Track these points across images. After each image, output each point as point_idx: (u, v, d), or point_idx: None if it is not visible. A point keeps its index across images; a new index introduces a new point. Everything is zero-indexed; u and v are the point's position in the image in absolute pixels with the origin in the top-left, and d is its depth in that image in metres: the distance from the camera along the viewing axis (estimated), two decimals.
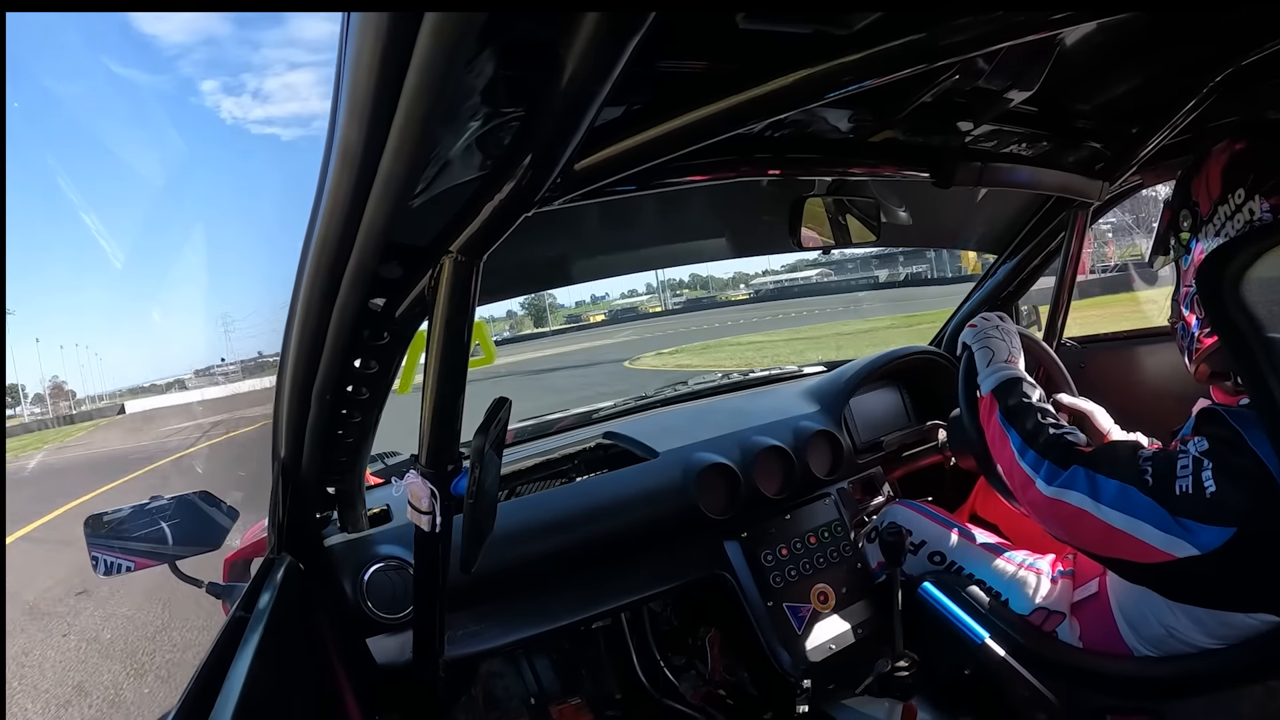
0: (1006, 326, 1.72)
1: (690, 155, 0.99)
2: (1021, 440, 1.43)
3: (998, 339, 1.67)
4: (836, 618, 2.00)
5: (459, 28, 0.57)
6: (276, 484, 1.35)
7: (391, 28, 0.57)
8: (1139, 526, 1.19)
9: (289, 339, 1.08)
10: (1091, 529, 1.26)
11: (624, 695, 2.15)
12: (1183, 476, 1.17)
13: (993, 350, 1.64)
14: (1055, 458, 1.35)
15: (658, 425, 2.28)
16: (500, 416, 1.12)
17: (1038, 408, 1.47)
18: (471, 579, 1.53)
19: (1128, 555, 1.23)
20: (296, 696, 1.26)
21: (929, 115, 1.32)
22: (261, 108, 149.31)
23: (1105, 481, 1.25)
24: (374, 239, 0.86)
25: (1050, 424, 1.42)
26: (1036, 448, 1.39)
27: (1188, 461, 1.18)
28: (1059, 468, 1.33)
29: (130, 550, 1.58)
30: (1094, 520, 1.25)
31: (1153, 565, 1.19)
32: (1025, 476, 1.39)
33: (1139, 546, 1.19)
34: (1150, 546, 1.18)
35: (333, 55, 0.65)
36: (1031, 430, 1.43)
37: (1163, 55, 1.35)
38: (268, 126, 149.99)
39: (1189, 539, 1.14)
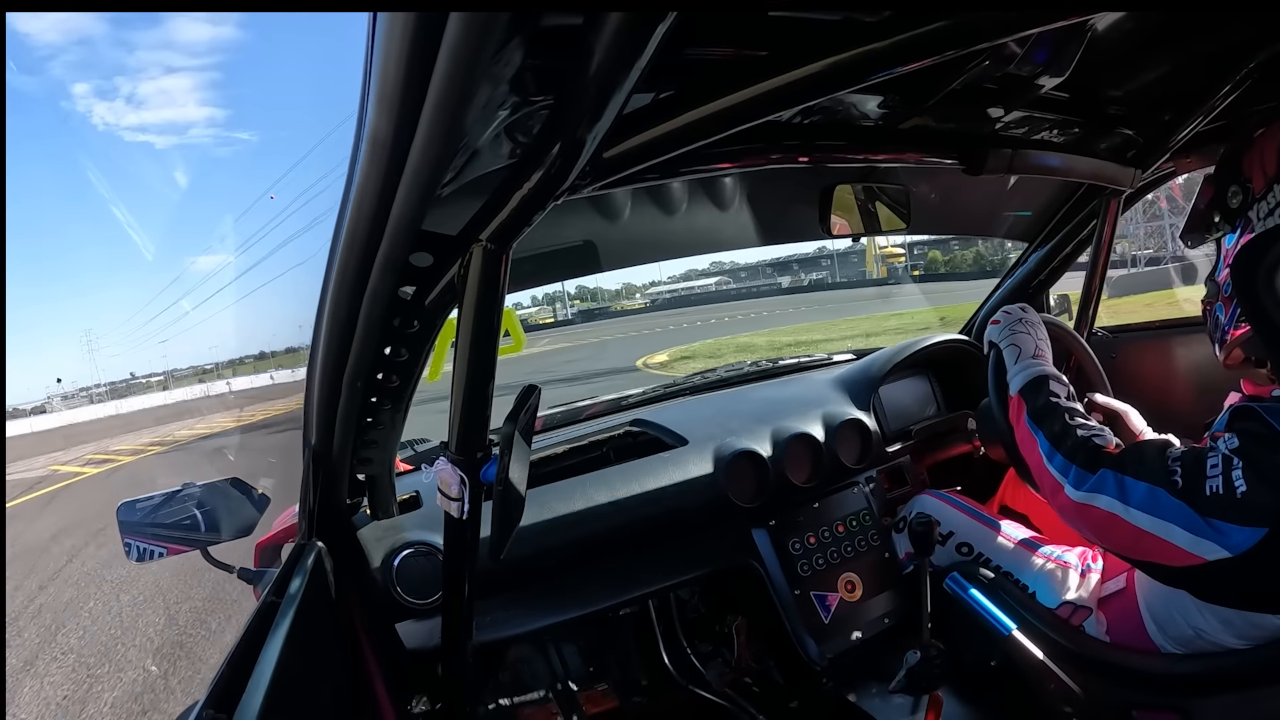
0: (1030, 318, 1.69)
1: (719, 143, 0.98)
2: (1049, 443, 1.40)
3: (1023, 333, 1.64)
4: (864, 607, 2.00)
5: (486, 19, 0.58)
6: (307, 470, 1.36)
7: (419, 19, 0.57)
8: (1168, 529, 1.16)
9: (319, 327, 1.09)
10: (1121, 532, 1.23)
11: (650, 682, 2.16)
12: (1213, 476, 1.14)
13: (1019, 346, 1.62)
14: (1082, 461, 1.32)
15: (687, 413, 2.28)
16: (530, 404, 1.12)
17: (1065, 408, 1.44)
18: (500, 565, 1.55)
19: (1158, 558, 1.20)
20: (326, 681, 1.27)
21: (959, 102, 1.31)
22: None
23: (1133, 484, 1.22)
24: (404, 228, 0.86)
25: (1078, 425, 1.39)
26: (1064, 451, 1.36)
27: (1217, 460, 1.15)
28: (1087, 471, 1.30)
29: (162, 536, 1.61)
30: (1123, 524, 1.22)
31: (1183, 568, 1.17)
32: (1054, 481, 1.36)
33: (1169, 549, 1.17)
34: (1180, 549, 1.15)
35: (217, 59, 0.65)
36: (1059, 432, 1.39)
37: (1197, 40, 1.33)
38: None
39: (1219, 540, 1.12)
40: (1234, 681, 1.31)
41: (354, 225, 0.87)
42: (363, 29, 0.64)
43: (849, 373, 2.42)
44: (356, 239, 0.89)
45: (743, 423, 2.11)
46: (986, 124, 1.49)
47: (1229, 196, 1.32)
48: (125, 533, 1.60)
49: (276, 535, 1.89)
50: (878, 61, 0.88)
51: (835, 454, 2.11)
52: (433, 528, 1.61)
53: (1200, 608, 1.32)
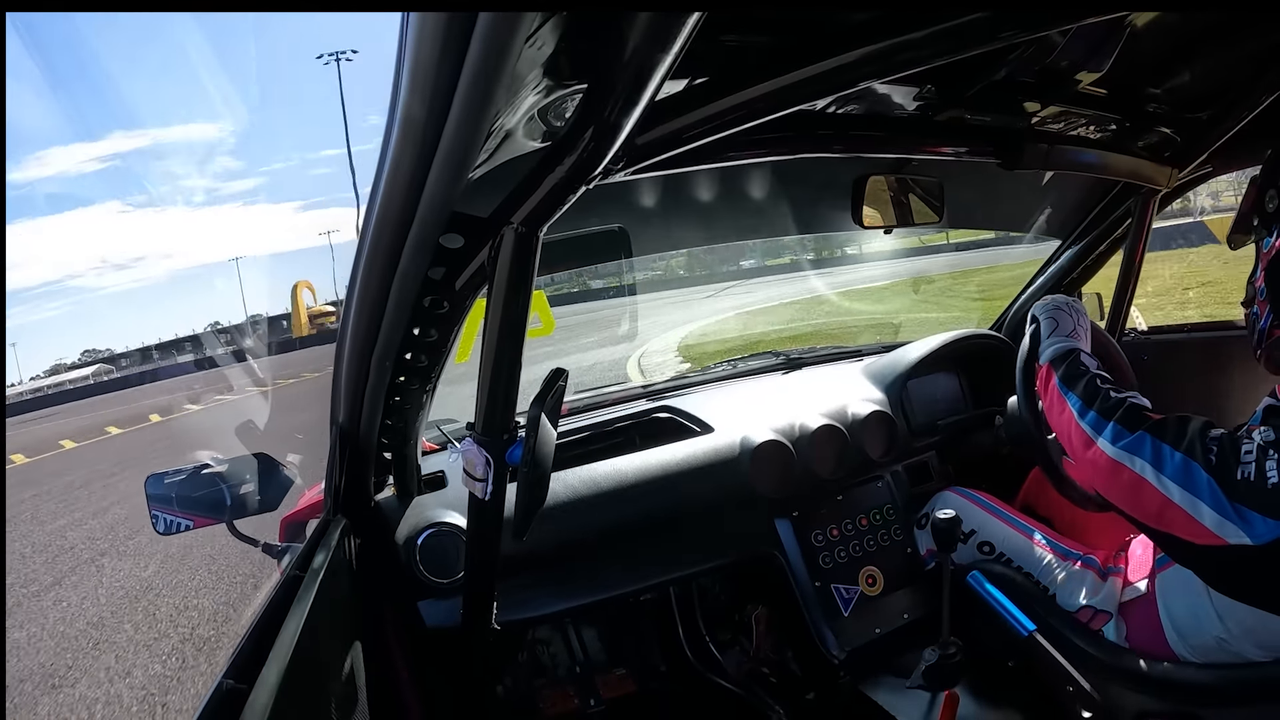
0: (1078, 305, 1.66)
1: (752, 130, 0.98)
2: (1081, 402, 1.38)
3: (1066, 314, 1.61)
4: (884, 601, 1.99)
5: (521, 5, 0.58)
6: (334, 448, 1.38)
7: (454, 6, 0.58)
8: (1196, 505, 1.15)
9: (350, 306, 1.10)
10: (1149, 499, 1.22)
11: (668, 669, 2.17)
12: (1246, 463, 1.12)
13: (1058, 322, 1.59)
14: (1123, 419, 1.29)
15: (713, 401, 2.27)
16: (556, 387, 1.13)
17: (1097, 374, 1.42)
18: (523, 546, 1.56)
19: (1180, 532, 1.19)
20: (346, 656, 1.29)
21: (996, 95, 1.30)
22: None
23: (1170, 452, 1.20)
24: (435, 209, 0.87)
25: (1111, 389, 1.37)
26: (1099, 408, 1.34)
27: (1252, 448, 1.14)
28: (1126, 430, 1.27)
29: (189, 509, 1.63)
30: (1153, 490, 1.21)
31: (1203, 547, 1.16)
32: (1086, 435, 1.34)
33: (1193, 525, 1.15)
34: (1203, 527, 1.14)
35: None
36: (1091, 393, 1.38)
37: (1239, 39, 1.31)
38: None
39: (1244, 528, 1.10)
40: (1254, 692, 1.29)
41: (386, 205, 0.87)
42: (397, 11, 0.64)
43: (877, 365, 2.41)
44: (388, 219, 0.90)
45: (769, 412, 2.11)
46: (1023, 118, 1.47)
47: (1266, 200, 1.30)
48: (153, 505, 1.62)
49: (302, 511, 1.91)
50: (913, 52, 0.88)
51: (861, 447, 2.10)
52: (457, 508, 1.63)
53: (1223, 615, 1.30)
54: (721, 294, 28.77)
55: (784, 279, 30.44)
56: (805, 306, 20.16)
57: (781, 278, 31.84)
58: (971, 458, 2.28)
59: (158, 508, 1.63)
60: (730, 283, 35.82)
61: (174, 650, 4.33)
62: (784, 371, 2.67)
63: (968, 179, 2.18)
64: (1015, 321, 2.67)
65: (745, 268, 42.11)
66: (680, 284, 36.61)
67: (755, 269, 39.81)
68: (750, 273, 40.72)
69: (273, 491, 1.68)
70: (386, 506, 1.62)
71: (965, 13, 0.82)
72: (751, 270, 40.69)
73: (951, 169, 1.95)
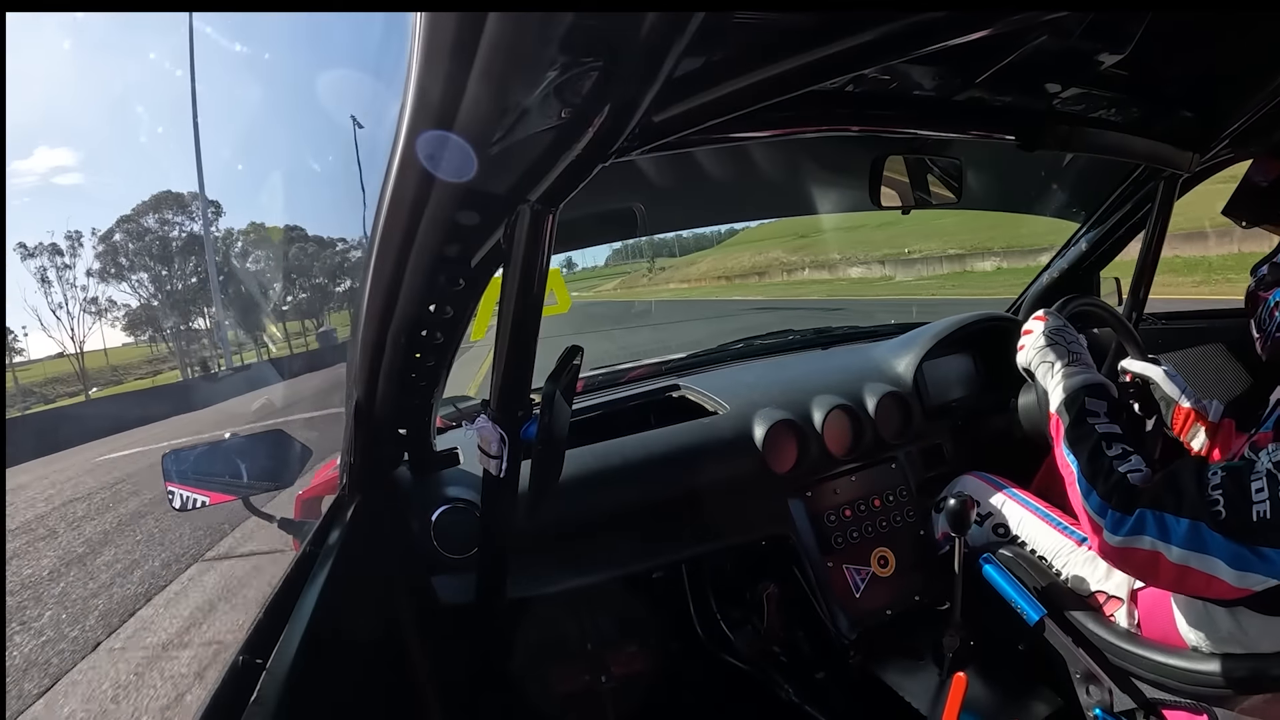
0: (1052, 324, 1.63)
1: (769, 109, 0.97)
2: (1085, 479, 1.32)
3: (1052, 344, 1.58)
4: (895, 582, 2.00)
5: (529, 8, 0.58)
6: (349, 425, 1.39)
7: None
8: (1213, 564, 1.11)
9: (365, 283, 1.10)
10: (1165, 571, 1.17)
11: (679, 646, 2.19)
12: (1259, 501, 1.08)
13: (1050, 361, 1.55)
14: (1118, 503, 1.24)
15: (729, 379, 2.28)
16: (571, 364, 1.13)
17: (1101, 433, 1.36)
18: (537, 523, 1.57)
19: (1205, 593, 1.17)
20: (362, 630, 1.30)
21: (1016, 76, 1.28)
22: None
23: (1174, 521, 1.16)
24: (451, 186, 0.87)
25: (1114, 455, 1.31)
26: (1100, 489, 1.29)
27: (1261, 480, 1.10)
28: (1124, 514, 1.23)
29: (206, 485, 1.65)
30: (1166, 563, 1.16)
31: (1232, 599, 1.15)
32: (1092, 522, 1.29)
33: (1215, 584, 1.12)
34: (1226, 584, 1.10)
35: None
36: (1095, 465, 1.32)
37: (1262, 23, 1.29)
38: None
39: (1267, 570, 1.07)
40: (1266, 683, 1.28)
41: (401, 182, 0.88)
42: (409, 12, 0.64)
43: (893, 346, 2.40)
44: (404, 196, 0.90)
45: (784, 391, 2.11)
46: (1043, 100, 1.45)
47: None
48: (169, 480, 1.64)
49: (318, 488, 1.93)
50: (933, 31, 0.87)
51: (876, 428, 2.10)
52: (471, 484, 1.63)
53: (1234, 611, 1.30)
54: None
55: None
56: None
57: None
58: (985, 440, 2.27)
59: (174, 484, 1.64)
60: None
61: None
62: (799, 351, 2.66)
63: (986, 160, 2.16)
64: (1032, 305, 2.66)
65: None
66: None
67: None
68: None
69: (289, 467, 1.70)
70: (402, 483, 1.63)
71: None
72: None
73: (970, 150, 1.93)
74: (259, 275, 52.50)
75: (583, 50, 0.85)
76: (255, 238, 52.18)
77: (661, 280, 65.56)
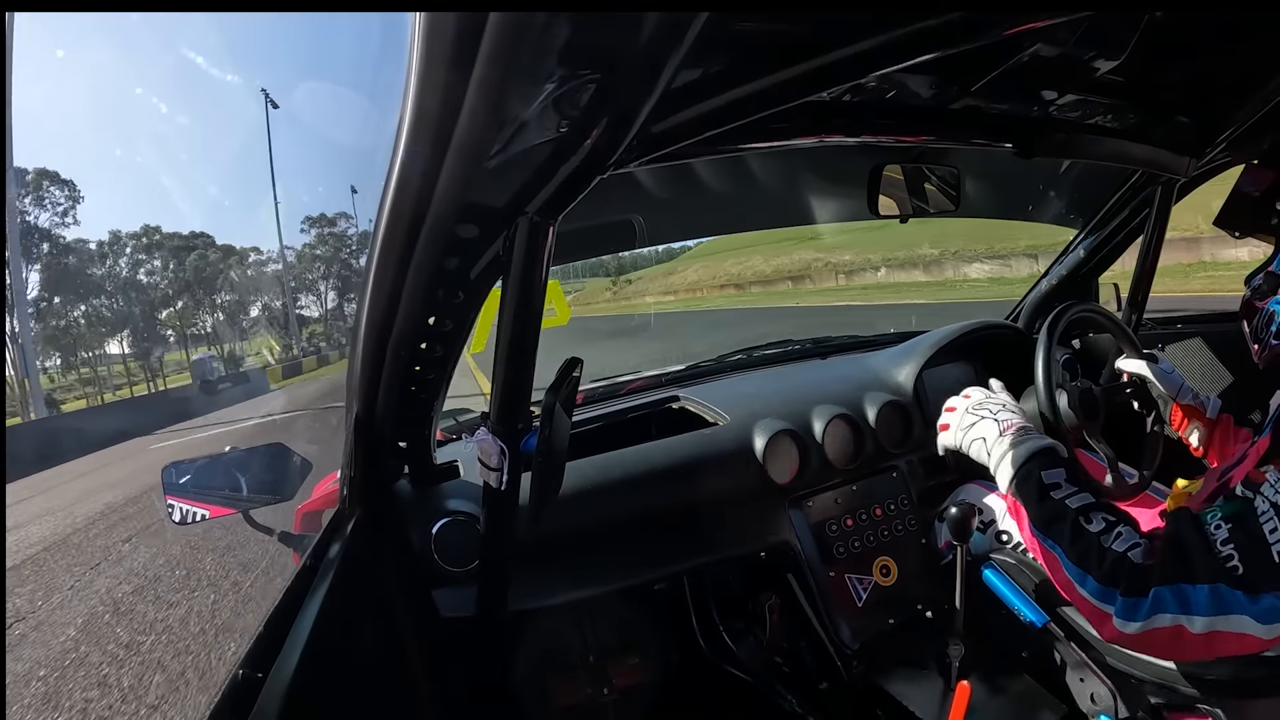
0: (973, 398, 1.57)
1: (767, 119, 0.98)
2: (1074, 565, 1.19)
3: (977, 418, 1.49)
4: (898, 592, 1.99)
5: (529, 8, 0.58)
6: (350, 438, 1.38)
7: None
8: (1240, 623, 1.03)
9: (364, 296, 1.10)
10: (1190, 643, 1.08)
11: (681, 658, 2.18)
12: (1275, 541, 1.02)
13: (983, 435, 1.45)
14: (1127, 588, 1.11)
15: (728, 390, 2.27)
16: (571, 376, 1.13)
17: (1075, 509, 1.22)
18: (537, 536, 1.57)
19: (1236, 651, 1.07)
20: (362, 644, 1.30)
21: (1012, 83, 1.29)
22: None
23: (1192, 590, 1.06)
24: (450, 199, 0.87)
25: (1100, 531, 1.18)
26: (1097, 574, 1.15)
27: (1273, 519, 1.04)
28: (1136, 597, 1.10)
29: (206, 498, 1.64)
30: (1190, 635, 1.06)
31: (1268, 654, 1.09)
32: (1098, 611, 1.15)
33: (1245, 641, 1.04)
34: (1256, 639, 1.03)
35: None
36: (1081, 548, 1.19)
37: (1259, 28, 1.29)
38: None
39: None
40: (1268, 687, 1.28)
41: (400, 196, 0.88)
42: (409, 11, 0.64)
43: (892, 355, 2.40)
44: (403, 209, 0.90)
45: (785, 402, 2.10)
46: (1040, 107, 1.46)
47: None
48: (169, 494, 1.63)
49: (318, 501, 1.92)
50: (929, 39, 0.88)
51: (876, 437, 2.09)
52: (472, 497, 1.63)
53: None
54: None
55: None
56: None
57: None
58: None
59: (174, 497, 1.64)
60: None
61: None
62: (798, 361, 2.66)
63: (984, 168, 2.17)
64: (1031, 312, 2.66)
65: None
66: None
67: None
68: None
69: (289, 481, 1.69)
70: (402, 496, 1.62)
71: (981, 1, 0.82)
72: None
73: (968, 158, 1.94)
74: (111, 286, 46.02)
75: (580, 62, 0.85)
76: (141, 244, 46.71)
77: (629, 295, 64.18)
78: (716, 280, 49.64)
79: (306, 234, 54.91)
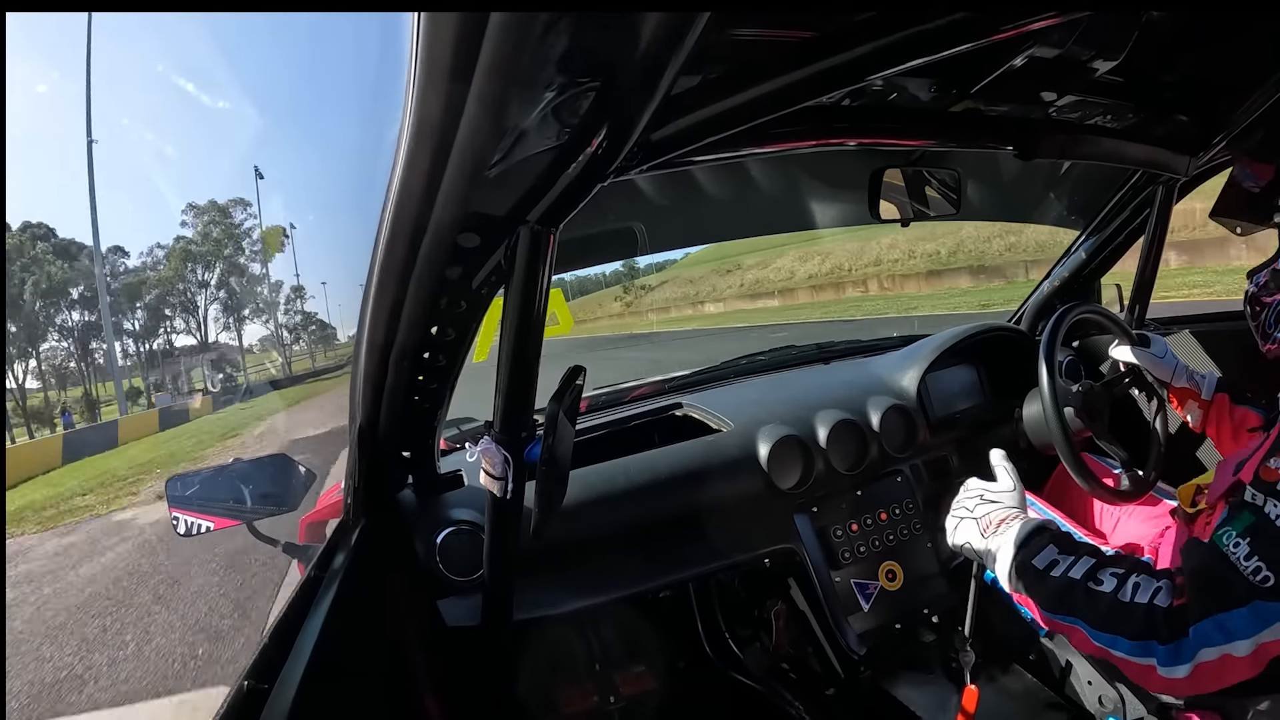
0: (958, 499, 1.48)
1: (767, 124, 0.98)
2: (1102, 631, 1.13)
3: (958, 526, 1.42)
4: (904, 596, 1.99)
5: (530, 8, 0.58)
6: (354, 448, 1.38)
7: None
8: (1278, 630, 1.00)
9: (367, 307, 1.10)
10: (1239, 666, 1.04)
11: (687, 665, 2.17)
12: None
13: (967, 540, 1.38)
14: (1166, 634, 1.06)
15: (732, 396, 2.27)
16: (574, 385, 1.13)
17: (1079, 578, 1.18)
18: (542, 544, 1.56)
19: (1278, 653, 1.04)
20: (367, 655, 1.30)
21: (1011, 85, 1.28)
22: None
23: (1228, 617, 1.02)
24: (452, 209, 0.87)
25: (1114, 589, 1.13)
26: (1127, 632, 1.10)
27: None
28: (1176, 640, 1.05)
29: (210, 510, 1.64)
30: (1236, 660, 1.03)
31: None
32: (1139, 667, 1.09)
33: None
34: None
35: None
36: (1104, 614, 1.14)
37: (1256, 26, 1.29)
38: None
39: None
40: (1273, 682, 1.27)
41: (401, 206, 0.88)
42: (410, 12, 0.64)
43: (895, 359, 2.40)
44: (405, 219, 0.90)
45: (788, 408, 2.10)
46: (1039, 108, 1.46)
47: None
48: (174, 505, 1.63)
49: (322, 511, 1.92)
50: (927, 43, 0.88)
51: (880, 441, 2.09)
52: (476, 506, 1.63)
53: None
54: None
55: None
56: None
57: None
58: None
59: (178, 509, 1.64)
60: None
61: None
62: (800, 366, 2.66)
63: (985, 170, 2.16)
64: (1033, 314, 2.66)
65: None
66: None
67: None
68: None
69: (293, 491, 1.69)
70: (406, 506, 1.62)
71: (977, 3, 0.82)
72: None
73: (968, 161, 1.94)
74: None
75: (580, 70, 0.85)
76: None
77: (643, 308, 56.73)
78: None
79: (190, 226, 43.73)
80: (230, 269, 45.29)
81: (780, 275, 39.63)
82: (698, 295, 46.65)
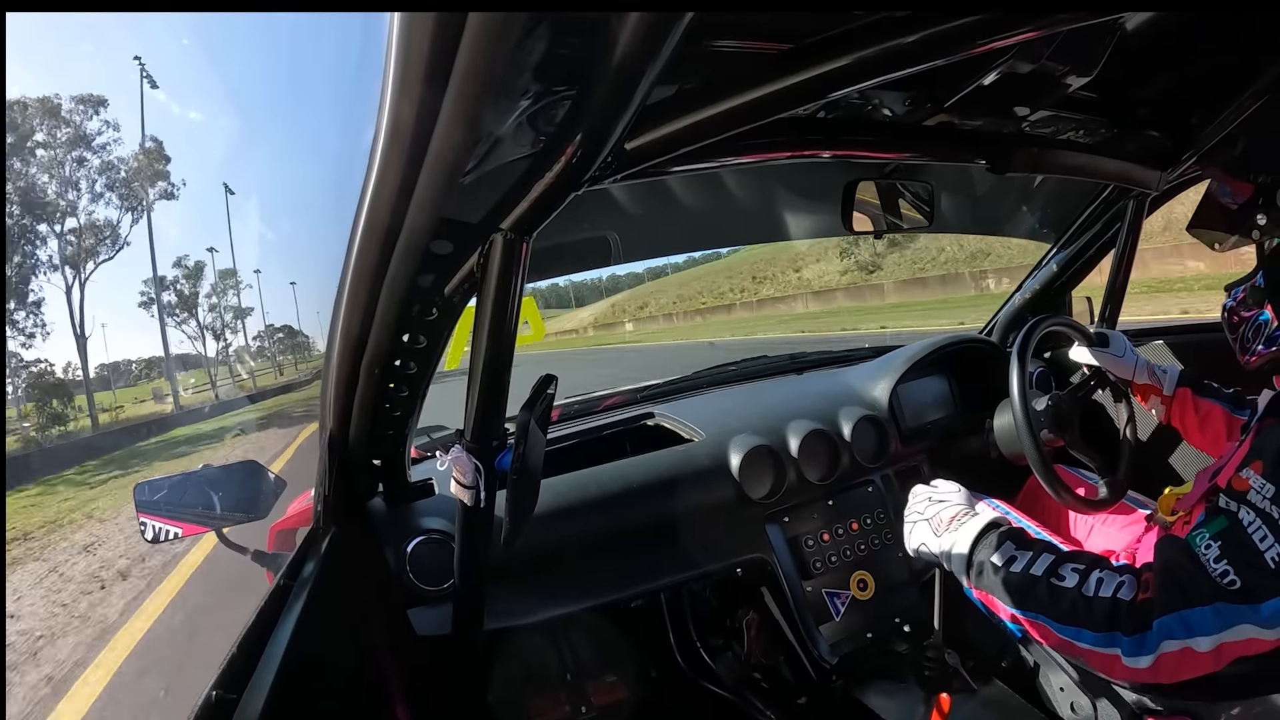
0: (909, 504, 1.56)
1: (742, 136, 0.98)
2: (1063, 624, 1.17)
3: (912, 530, 1.50)
4: (875, 605, 1.99)
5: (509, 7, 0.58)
6: (324, 456, 1.37)
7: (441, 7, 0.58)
8: (1244, 631, 1.03)
9: (338, 313, 1.09)
10: (1198, 660, 1.07)
11: (659, 674, 2.17)
12: (1267, 548, 1.02)
13: (922, 541, 1.45)
14: (1129, 627, 1.10)
15: (704, 406, 2.27)
16: (546, 393, 1.13)
17: (1040, 574, 1.21)
18: (513, 553, 1.56)
19: (1242, 653, 1.06)
20: (336, 665, 1.29)
21: (985, 99, 1.29)
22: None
23: (1192, 614, 1.05)
24: (425, 215, 0.86)
25: (1076, 584, 1.17)
26: (1090, 624, 1.14)
27: (1258, 525, 1.04)
28: (1140, 633, 1.09)
29: (178, 516, 1.62)
30: (1197, 654, 1.06)
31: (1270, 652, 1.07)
32: (1103, 656, 1.13)
33: (1252, 645, 1.04)
34: (1262, 642, 1.03)
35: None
36: (1064, 607, 1.17)
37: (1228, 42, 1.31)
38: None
39: None
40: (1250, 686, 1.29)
41: (374, 211, 0.87)
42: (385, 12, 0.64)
43: (867, 370, 2.41)
44: (376, 225, 0.89)
45: (760, 418, 2.10)
46: (1012, 122, 1.47)
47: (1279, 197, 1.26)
48: (141, 511, 1.61)
49: (292, 520, 1.90)
50: (903, 56, 0.88)
51: (852, 452, 2.10)
52: (446, 515, 1.62)
53: None
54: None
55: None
56: None
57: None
58: (962, 461, 2.28)
59: (146, 515, 1.61)
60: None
61: None
62: (773, 377, 2.67)
63: (958, 183, 2.18)
64: (1004, 326, 2.69)
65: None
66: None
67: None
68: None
69: (263, 498, 1.67)
70: (376, 514, 1.61)
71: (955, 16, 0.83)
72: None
73: (942, 173, 1.95)
74: None
75: (556, 78, 0.85)
76: None
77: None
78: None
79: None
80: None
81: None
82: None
